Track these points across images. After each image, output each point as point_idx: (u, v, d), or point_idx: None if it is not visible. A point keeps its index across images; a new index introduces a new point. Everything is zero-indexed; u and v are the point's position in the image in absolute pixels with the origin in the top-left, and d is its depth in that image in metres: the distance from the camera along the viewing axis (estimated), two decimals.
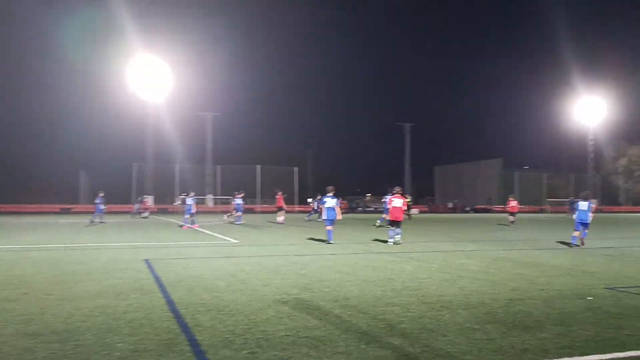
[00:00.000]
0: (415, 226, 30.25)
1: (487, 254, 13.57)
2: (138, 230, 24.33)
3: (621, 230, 26.10)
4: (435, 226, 30.71)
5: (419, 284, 8.59)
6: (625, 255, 13.58)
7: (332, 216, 16.91)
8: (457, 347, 4.96)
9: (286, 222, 30.96)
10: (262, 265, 11.08)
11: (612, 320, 6.04)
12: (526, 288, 8.25)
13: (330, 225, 17.03)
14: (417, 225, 31.01)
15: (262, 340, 5.15)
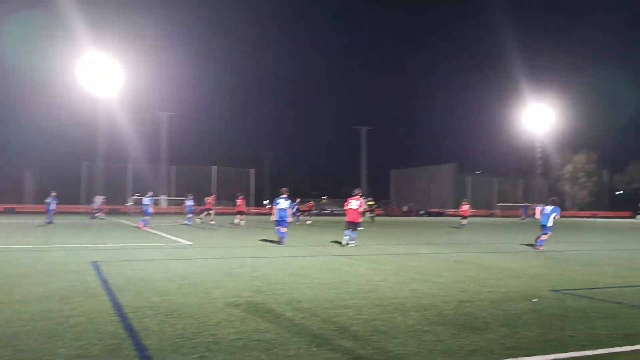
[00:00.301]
0: (371, 229, 30.53)
1: (440, 257, 13.81)
2: (86, 232, 23.61)
3: (566, 235, 27.07)
4: (390, 229, 31.08)
5: (373, 287, 8.65)
6: (569, 258, 14.07)
7: (285, 218, 16.96)
8: (407, 348, 5.01)
9: (240, 224, 30.69)
10: (215, 267, 10.93)
11: (556, 322, 6.23)
12: (475, 290, 8.43)
13: (283, 227, 17.03)
14: (373, 228, 31.30)
15: (212, 344, 5.05)
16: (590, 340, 5.42)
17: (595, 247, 18.11)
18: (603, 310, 6.96)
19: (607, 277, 10.26)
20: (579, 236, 25.77)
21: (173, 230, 25.58)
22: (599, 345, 5.23)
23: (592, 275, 10.58)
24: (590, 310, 6.98)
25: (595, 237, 24.68)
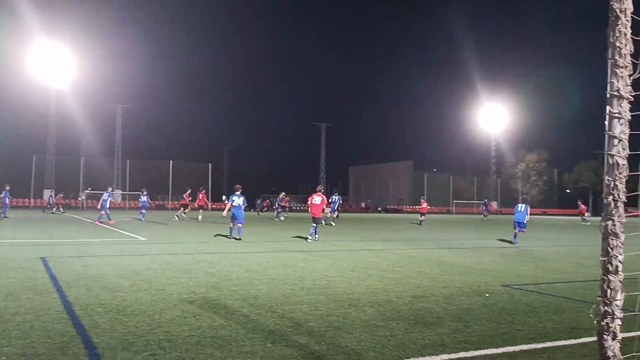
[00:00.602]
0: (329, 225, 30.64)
1: (395, 253, 13.99)
2: (37, 227, 22.82)
3: None
4: (348, 225, 31.25)
5: (329, 282, 8.68)
6: (519, 254, 14.50)
7: (239, 214, 17.19)
8: (361, 344, 5.05)
9: (196, 219, 30.31)
10: (170, 263, 10.74)
11: (506, 316, 6.41)
12: (429, 285, 8.58)
13: (239, 223, 17.16)
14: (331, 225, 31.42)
15: (164, 342, 4.96)
16: (537, 333, 5.60)
17: (544, 244, 18.72)
18: (550, 305, 7.20)
19: (554, 273, 10.62)
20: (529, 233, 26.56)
21: (127, 225, 25.01)
22: (546, 338, 5.41)
23: (540, 271, 10.93)
24: (538, 304, 7.21)
25: (545, 234, 25.52)
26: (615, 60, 2.53)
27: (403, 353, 4.76)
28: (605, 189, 2.59)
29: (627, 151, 2.57)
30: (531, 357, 4.75)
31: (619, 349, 2.56)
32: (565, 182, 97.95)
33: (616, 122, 2.56)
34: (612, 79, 2.55)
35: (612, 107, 2.56)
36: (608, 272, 2.55)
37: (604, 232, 2.57)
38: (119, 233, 19.76)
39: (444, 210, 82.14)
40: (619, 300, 2.55)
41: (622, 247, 2.56)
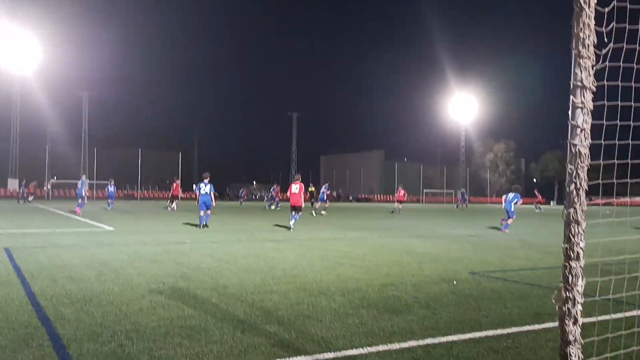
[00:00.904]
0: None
1: (366, 242, 14.10)
2: (1, 217, 22.22)
3: (486, 220, 28.39)
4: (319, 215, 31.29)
5: (299, 271, 8.70)
6: (487, 243, 14.78)
7: (208, 202, 17.54)
8: (331, 332, 5.08)
9: (174, 210, 29.95)
10: (138, 253, 10.60)
11: (472, 303, 6.52)
12: (398, 273, 8.67)
13: (203, 210, 17.55)
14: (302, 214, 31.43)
15: (132, 332, 4.90)
16: (503, 319, 5.72)
17: (511, 232, 19.09)
18: (516, 291, 7.36)
19: (520, 260, 10.85)
20: (496, 222, 27.07)
21: (94, 215, 24.56)
22: (511, 323, 5.53)
23: (507, 258, 11.16)
24: (504, 291, 7.36)
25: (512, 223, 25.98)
26: (579, 51, 2.57)
27: (372, 340, 4.81)
28: (568, 177, 2.64)
29: (589, 140, 2.63)
30: (496, 342, 4.85)
31: (580, 334, 2.63)
32: (532, 171, 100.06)
33: (579, 111, 2.60)
34: (576, 70, 2.59)
35: (575, 97, 2.61)
36: (570, 259, 2.61)
37: (566, 220, 2.62)
38: (85, 223, 19.38)
39: (414, 199, 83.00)
40: (580, 286, 2.61)
41: (583, 234, 2.62)
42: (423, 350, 4.56)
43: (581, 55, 2.58)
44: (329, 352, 4.44)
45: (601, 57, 2.62)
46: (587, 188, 2.63)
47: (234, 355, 4.30)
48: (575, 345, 2.62)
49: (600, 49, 2.62)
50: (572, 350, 2.61)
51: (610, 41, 2.64)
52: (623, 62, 2.83)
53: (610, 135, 2.90)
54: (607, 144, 2.91)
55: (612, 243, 4.83)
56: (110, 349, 4.39)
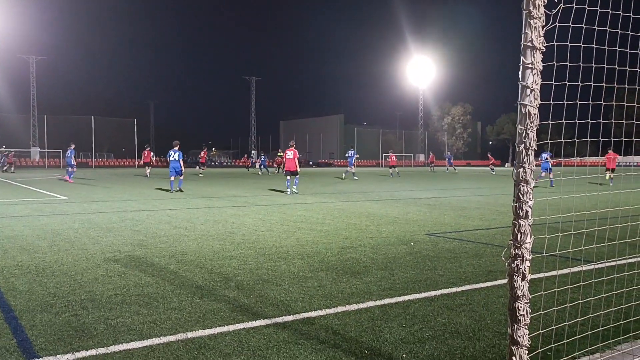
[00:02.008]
0: (258, 180, 30.57)
1: (325, 206, 14.18)
2: None
3: (442, 183, 28.97)
4: (278, 180, 31.26)
5: (258, 237, 8.70)
6: (444, 204, 15.10)
7: (177, 168, 18.98)
8: (290, 295, 5.12)
9: (121, 177, 29.32)
10: (93, 222, 10.37)
11: (429, 263, 6.69)
12: (357, 237, 8.78)
13: (173, 176, 19.03)
14: (261, 179, 31.35)
15: (87, 302, 4.82)
16: (458, 277, 5.89)
17: (466, 194, 19.56)
18: (470, 251, 7.57)
19: (475, 220, 11.15)
20: (452, 184, 27.66)
21: (46, 184, 23.82)
22: (465, 282, 5.71)
23: (462, 219, 11.44)
24: (459, 251, 7.56)
25: (467, 185, 26.65)
26: (530, 12, 2.58)
27: (330, 302, 4.88)
28: (518, 137, 2.68)
29: (538, 101, 2.66)
30: (451, 299, 4.99)
31: (528, 289, 2.72)
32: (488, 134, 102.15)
33: (529, 72, 2.63)
34: (526, 30, 2.60)
35: (526, 58, 2.63)
36: (519, 217, 2.67)
37: (515, 179, 2.67)
38: (37, 192, 18.78)
39: (374, 163, 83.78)
40: (528, 244, 2.69)
41: (532, 193, 2.68)
42: (380, 310, 4.66)
43: (532, 16, 2.58)
44: (288, 315, 4.48)
45: (551, 17, 2.64)
46: (535, 148, 2.68)
47: (193, 321, 4.30)
48: (524, 300, 2.71)
49: (550, 9, 2.63)
50: (520, 305, 2.71)
51: (560, 2, 2.65)
52: (572, 23, 2.86)
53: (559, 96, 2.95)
54: (556, 104, 2.96)
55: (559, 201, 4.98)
56: (64, 319, 4.31)
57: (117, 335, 3.94)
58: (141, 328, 4.11)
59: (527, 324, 2.73)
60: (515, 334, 2.72)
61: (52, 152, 60.91)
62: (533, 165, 2.66)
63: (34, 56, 67.13)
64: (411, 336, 3.98)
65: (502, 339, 3.89)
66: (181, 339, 3.88)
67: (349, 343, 3.85)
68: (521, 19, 2.64)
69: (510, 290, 2.73)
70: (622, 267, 5.81)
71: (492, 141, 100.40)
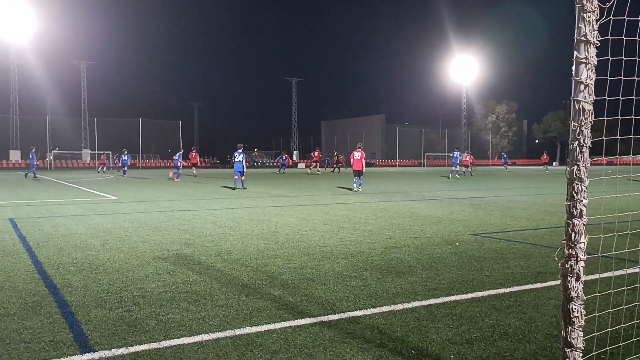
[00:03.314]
0: (300, 180, 30.75)
1: (368, 206, 14.14)
2: (2, 188, 22.28)
3: (487, 182, 28.42)
4: (320, 180, 31.37)
5: (302, 236, 8.75)
6: (489, 204, 14.82)
7: (240, 168, 21.28)
8: (335, 294, 5.14)
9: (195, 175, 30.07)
10: (142, 221, 10.66)
11: (475, 263, 6.58)
12: (401, 236, 8.72)
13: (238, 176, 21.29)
14: (303, 179, 31.52)
15: (138, 298, 4.97)
16: (505, 278, 5.78)
17: (512, 193, 19.13)
18: (518, 251, 7.41)
19: (522, 221, 10.90)
20: (498, 183, 27.11)
21: (97, 185, 24.64)
22: (513, 283, 5.59)
23: (508, 219, 11.20)
24: (506, 251, 7.41)
25: (513, 184, 26.06)
26: (583, 5, 2.51)
27: (376, 302, 4.87)
28: (572, 134, 2.61)
29: (593, 97, 2.59)
30: (499, 301, 4.90)
31: (582, 290, 2.64)
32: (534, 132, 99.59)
33: (583, 67, 2.56)
34: (580, 24, 2.53)
35: (579, 53, 2.55)
36: (572, 216, 2.60)
37: (569, 177, 2.61)
38: (89, 193, 19.45)
39: (416, 163, 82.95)
40: (583, 243, 2.61)
41: (586, 191, 2.61)
42: (426, 310, 4.62)
43: (585, 9, 2.51)
44: (333, 314, 4.50)
45: (605, 10, 2.56)
46: (590, 145, 2.60)
47: (240, 318, 4.37)
48: (578, 302, 2.64)
49: (604, 3, 2.55)
50: (575, 306, 2.64)
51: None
52: (627, 16, 2.77)
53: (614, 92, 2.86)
54: (611, 99, 2.87)
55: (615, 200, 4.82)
56: (117, 315, 4.45)
57: (167, 331, 4.05)
58: (190, 324, 4.21)
59: (581, 326, 2.65)
60: (569, 336, 2.65)
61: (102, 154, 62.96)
62: (588, 162, 2.58)
63: (85, 61, 69.58)
64: (458, 337, 3.93)
65: (553, 342, 3.80)
66: (229, 336, 3.95)
67: (395, 343, 3.83)
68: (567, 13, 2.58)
69: (564, 291, 2.66)
70: None
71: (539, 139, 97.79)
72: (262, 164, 74.86)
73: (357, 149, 21.02)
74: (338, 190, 21.22)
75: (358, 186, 20.19)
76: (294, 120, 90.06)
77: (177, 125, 68.87)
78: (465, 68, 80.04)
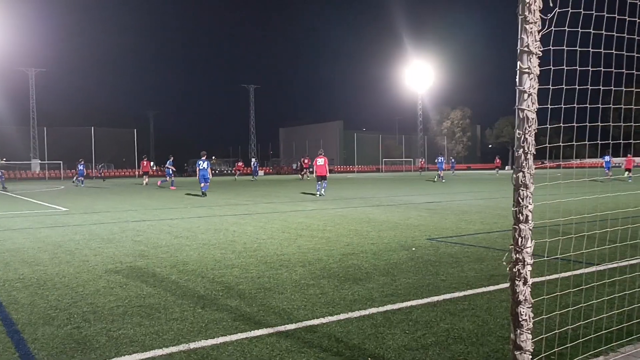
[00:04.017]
0: (259, 188, 30.59)
1: (326, 212, 14.17)
2: None
3: (442, 187, 28.95)
4: (278, 187, 31.29)
5: (260, 245, 8.69)
6: (445, 209, 15.09)
7: (205, 175, 22.01)
8: (292, 303, 5.11)
9: (122, 187, 29.33)
10: (94, 233, 10.36)
11: (431, 268, 6.67)
12: (358, 243, 8.77)
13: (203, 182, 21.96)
14: (261, 187, 31.37)
15: (89, 314, 4.81)
16: (460, 282, 5.88)
17: (467, 197, 19.55)
18: (472, 255, 7.56)
19: (476, 225, 11.13)
20: (453, 188, 27.66)
21: (47, 196, 23.83)
22: (467, 286, 5.69)
23: (463, 223, 11.43)
24: (461, 255, 7.55)
25: (468, 188, 26.65)
26: (525, 17, 2.59)
27: (333, 309, 4.87)
28: (517, 142, 2.69)
29: (536, 105, 2.67)
30: (453, 305, 4.98)
31: (530, 293, 2.71)
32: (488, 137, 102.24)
33: (526, 77, 2.64)
34: (522, 35, 2.61)
35: (522, 63, 2.63)
36: (519, 222, 2.67)
37: (515, 184, 2.68)
38: (38, 204, 18.79)
39: (374, 168, 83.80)
40: (529, 248, 2.69)
41: (531, 197, 2.68)
42: (383, 316, 4.65)
43: (527, 21, 2.59)
44: (290, 324, 4.47)
45: (547, 22, 2.65)
46: (534, 152, 2.68)
47: (195, 331, 4.28)
48: (526, 305, 2.71)
49: (546, 14, 2.64)
50: (523, 309, 2.70)
51: (556, 6, 2.66)
52: (568, 27, 2.87)
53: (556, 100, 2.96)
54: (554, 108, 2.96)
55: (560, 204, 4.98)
56: (66, 332, 4.30)
57: (119, 347, 3.93)
58: (143, 339, 4.10)
59: (529, 329, 2.72)
60: (518, 338, 2.72)
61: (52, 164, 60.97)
62: (532, 169, 2.66)
63: (33, 68, 67.31)
64: (414, 342, 3.97)
65: (505, 344, 3.88)
66: (183, 350, 3.87)
67: (351, 350, 3.84)
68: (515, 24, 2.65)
69: (512, 295, 2.72)
70: (624, 269, 5.80)
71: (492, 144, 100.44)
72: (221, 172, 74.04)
73: (319, 155, 22.23)
74: (297, 197, 21.21)
75: (322, 191, 21.21)
76: (252, 127, 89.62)
77: (132, 134, 67.39)
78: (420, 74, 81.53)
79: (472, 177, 47.15)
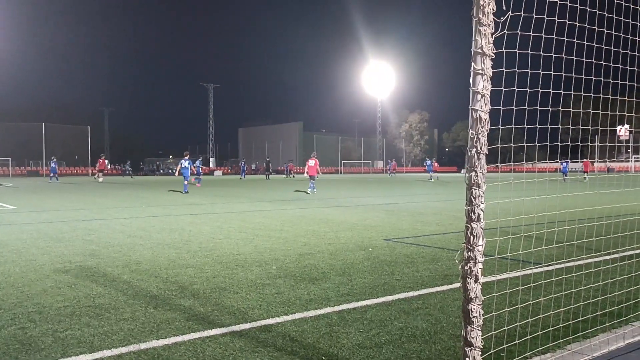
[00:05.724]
0: (216, 187, 30.26)
1: (284, 213, 14.13)
2: None
3: (400, 189, 29.33)
4: (236, 188, 31.03)
5: (216, 244, 8.58)
6: (402, 210, 15.28)
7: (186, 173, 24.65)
8: (247, 303, 5.05)
9: (76, 185, 28.48)
10: (42, 232, 10.01)
11: (387, 268, 6.73)
12: (315, 243, 8.77)
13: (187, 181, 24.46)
14: (218, 187, 31.04)
15: (34, 314, 4.63)
16: (414, 282, 5.95)
17: (423, 199, 19.85)
18: (427, 255, 7.66)
19: (432, 226, 11.31)
20: (410, 190, 28.06)
21: None
22: (422, 286, 5.76)
23: (419, 224, 11.59)
24: (416, 255, 7.64)
25: (425, 190, 27.07)
26: (479, 19, 2.64)
27: (288, 309, 4.84)
28: (470, 142, 2.73)
29: (489, 106, 2.72)
30: (408, 304, 5.03)
31: (481, 291, 2.76)
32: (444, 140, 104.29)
33: (479, 78, 2.69)
34: (476, 37, 2.66)
35: (476, 64, 2.68)
36: (471, 220, 2.72)
37: (467, 183, 2.72)
38: None
39: (333, 170, 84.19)
40: (481, 246, 2.73)
41: (484, 196, 2.73)
42: (338, 315, 4.65)
43: (481, 23, 2.64)
44: (244, 323, 4.42)
45: (500, 24, 2.70)
46: (487, 152, 2.73)
47: (146, 332, 4.18)
48: (477, 302, 2.75)
49: (499, 17, 2.70)
50: (473, 307, 2.75)
51: (509, 10, 2.72)
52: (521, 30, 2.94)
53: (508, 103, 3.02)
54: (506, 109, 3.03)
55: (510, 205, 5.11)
56: (10, 333, 4.12)
57: (65, 349, 3.80)
58: (91, 340, 3.97)
59: (480, 326, 2.77)
60: (468, 335, 2.76)
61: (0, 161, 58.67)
62: (485, 169, 2.71)
63: None
64: (368, 341, 3.99)
65: (457, 341, 3.94)
66: (133, 351, 3.77)
67: (306, 350, 3.82)
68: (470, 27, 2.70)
69: (464, 292, 2.77)
70: (570, 269, 6.00)
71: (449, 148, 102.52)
72: None
73: (311, 157, 24.56)
74: (254, 197, 21.09)
75: (313, 189, 23.59)
76: (210, 127, 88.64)
77: (85, 131, 65.50)
78: (379, 78, 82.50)
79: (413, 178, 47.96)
